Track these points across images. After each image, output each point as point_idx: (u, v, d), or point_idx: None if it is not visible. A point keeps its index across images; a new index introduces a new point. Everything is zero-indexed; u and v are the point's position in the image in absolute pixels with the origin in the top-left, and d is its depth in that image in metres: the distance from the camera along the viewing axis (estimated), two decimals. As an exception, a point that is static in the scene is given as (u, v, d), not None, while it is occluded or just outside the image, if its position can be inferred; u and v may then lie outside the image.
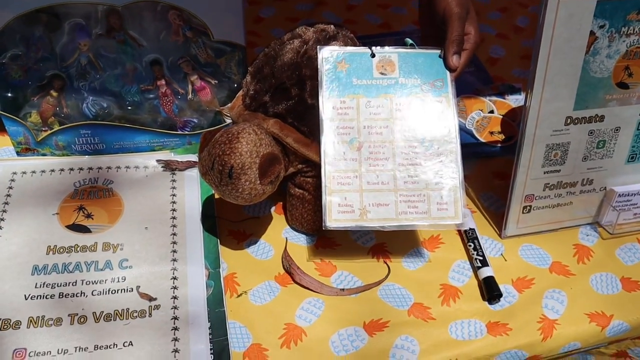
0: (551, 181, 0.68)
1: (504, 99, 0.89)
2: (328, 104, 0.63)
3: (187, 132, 0.78)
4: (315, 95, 0.63)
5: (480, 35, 0.70)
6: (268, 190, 0.61)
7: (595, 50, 0.61)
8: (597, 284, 0.67)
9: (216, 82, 0.75)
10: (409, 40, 0.67)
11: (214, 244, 0.67)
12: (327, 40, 0.65)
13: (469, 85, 0.91)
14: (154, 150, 0.78)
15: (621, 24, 0.61)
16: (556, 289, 0.66)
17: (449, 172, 0.63)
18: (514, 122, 0.86)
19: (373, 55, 0.66)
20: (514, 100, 0.89)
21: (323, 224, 0.60)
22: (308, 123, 0.64)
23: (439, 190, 0.63)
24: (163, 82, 0.74)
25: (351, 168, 0.62)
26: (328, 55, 0.65)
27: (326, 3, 1.07)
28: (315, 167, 0.65)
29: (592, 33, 0.60)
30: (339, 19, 1.04)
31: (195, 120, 0.78)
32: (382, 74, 0.65)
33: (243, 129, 0.58)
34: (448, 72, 0.67)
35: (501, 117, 0.86)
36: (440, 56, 0.67)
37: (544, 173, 0.67)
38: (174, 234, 0.68)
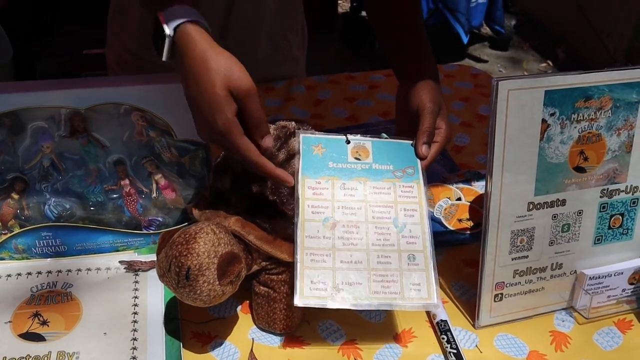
0: (520, 267, 0.67)
1: (471, 185, 0.90)
2: (304, 183, 0.64)
3: (151, 232, 0.77)
4: (275, 191, 0.63)
5: (451, 131, 0.74)
6: (228, 291, 0.59)
7: (549, 137, 0.63)
8: (578, 374, 0.64)
9: (181, 180, 0.75)
10: (385, 135, 0.71)
11: (177, 348, 0.64)
12: (287, 137, 0.66)
13: (435, 173, 0.92)
14: (118, 251, 0.76)
15: (570, 111, 0.63)
16: (535, 381, 0.63)
17: (421, 254, 0.63)
18: (481, 208, 0.86)
19: (348, 142, 0.68)
20: (481, 187, 0.89)
21: (294, 301, 0.59)
22: (270, 220, 0.63)
23: (411, 271, 0.62)
24: (127, 181, 0.74)
25: (325, 246, 0.62)
26: (306, 139, 0.67)
27: (294, 99, 1.11)
28: (279, 264, 0.64)
29: (544, 121, 0.62)
30: (307, 114, 1.07)
31: (160, 219, 0.77)
32: (356, 159, 0.68)
33: (201, 229, 0.57)
34: (419, 161, 0.69)
35: (469, 204, 0.86)
36: (412, 145, 0.70)
37: (512, 259, 0.66)
38: (135, 339, 0.65)
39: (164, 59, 0.63)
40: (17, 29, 1.61)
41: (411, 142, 0.71)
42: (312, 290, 0.60)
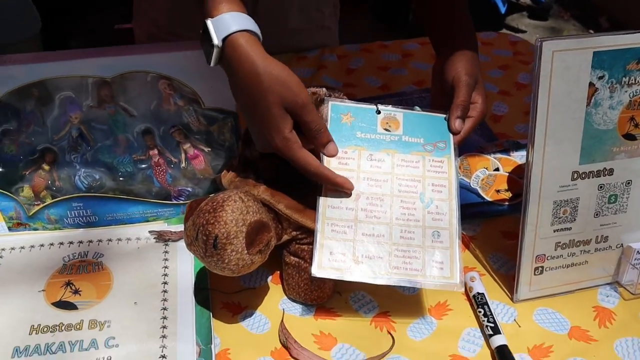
0: (562, 240, 0.64)
1: (509, 155, 0.86)
2: None
3: (181, 202, 0.76)
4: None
5: (487, 106, 0.70)
6: (257, 260, 0.57)
7: (597, 101, 0.59)
8: (623, 350, 0.61)
9: (209, 149, 0.74)
10: (417, 108, 0.69)
11: (207, 317, 0.63)
12: (318, 103, 0.64)
13: (472, 143, 0.88)
14: (148, 221, 0.76)
15: (621, 74, 0.58)
16: (577, 358, 0.60)
17: (446, 232, 0.61)
18: (520, 179, 0.82)
19: (378, 112, 0.66)
20: (520, 157, 0.86)
21: (312, 270, 0.58)
22: (300, 188, 0.62)
23: (434, 248, 0.60)
24: (155, 151, 0.73)
25: (347, 217, 0.61)
26: (335, 106, 0.65)
27: (326, 67, 1.08)
28: (310, 234, 0.62)
29: (591, 84, 0.58)
30: (339, 83, 1.04)
31: (190, 189, 0.76)
32: (386, 130, 0.66)
33: (229, 197, 0.56)
34: (451, 136, 0.67)
35: (507, 174, 0.83)
36: (445, 119, 0.67)
37: (554, 231, 0.63)
38: (165, 309, 0.64)
39: (212, 64, 0.61)
40: (47, 2, 1.61)
41: (445, 115, 0.69)
42: (330, 261, 0.58)
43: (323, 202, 0.60)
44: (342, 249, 0.59)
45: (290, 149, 0.59)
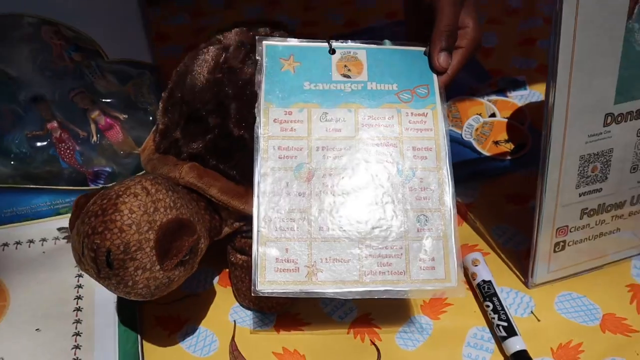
0: (590, 205, 0.49)
1: (506, 97, 0.71)
2: (268, 115, 0.46)
3: (101, 185, 0.60)
4: (243, 123, 0.45)
5: (481, 30, 0.53)
6: (179, 275, 0.42)
7: None
8: (671, 339, 0.48)
9: (125, 116, 0.57)
10: (387, 41, 0.51)
11: (133, 341, 0.48)
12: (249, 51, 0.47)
13: (461, 84, 0.72)
14: (60, 214, 0.59)
15: (672, -26, 0.42)
16: (616, 358, 0.47)
17: (437, 215, 0.45)
18: (522, 125, 0.67)
19: (333, 52, 0.49)
20: (519, 98, 0.71)
21: (252, 287, 0.42)
22: (238, 164, 0.45)
23: (421, 239, 0.44)
24: (55, 123, 0.56)
25: (297, 207, 0.45)
26: (271, 48, 0.48)
27: (279, 3, 0.90)
28: (259, 223, 0.47)
29: (632, -8, 0.42)
30: (296, 21, 0.86)
31: (108, 169, 0.59)
32: (344, 76, 0.49)
33: (127, 189, 0.39)
34: (435, 77, 0.50)
35: (506, 120, 0.68)
36: (425, 54, 0.50)
37: (580, 195, 0.48)
38: (78, 334, 0.49)
39: None
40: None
41: (424, 49, 0.51)
42: (277, 272, 0.43)
43: (263, 187, 0.44)
44: (293, 253, 0.43)
45: None
